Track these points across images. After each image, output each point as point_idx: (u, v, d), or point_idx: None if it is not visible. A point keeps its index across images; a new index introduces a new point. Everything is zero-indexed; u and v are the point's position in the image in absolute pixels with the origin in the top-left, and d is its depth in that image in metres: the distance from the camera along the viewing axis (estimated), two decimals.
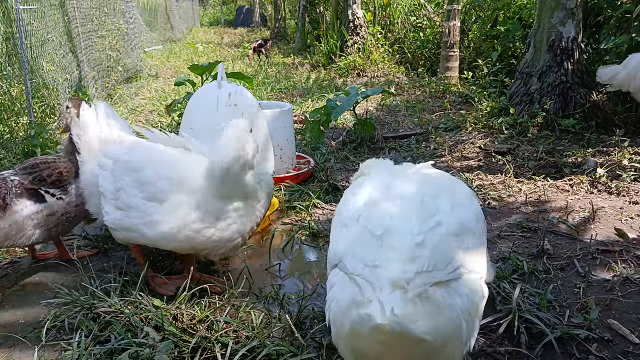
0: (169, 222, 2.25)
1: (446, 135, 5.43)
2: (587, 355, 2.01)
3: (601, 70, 4.84)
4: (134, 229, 2.32)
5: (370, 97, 6.89)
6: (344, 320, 1.45)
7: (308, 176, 4.22)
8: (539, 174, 4.11)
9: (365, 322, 1.33)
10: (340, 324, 1.48)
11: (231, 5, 32.41)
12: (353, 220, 1.69)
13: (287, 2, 20.05)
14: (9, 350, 2.13)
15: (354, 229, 1.65)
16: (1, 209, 2.44)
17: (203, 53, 13.42)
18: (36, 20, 5.42)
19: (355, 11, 10.59)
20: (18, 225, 2.49)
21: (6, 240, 2.48)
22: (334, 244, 1.72)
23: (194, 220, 2.25)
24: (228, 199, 2.32)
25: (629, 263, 2.70)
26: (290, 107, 4.26)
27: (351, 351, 1.49)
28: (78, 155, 2.60)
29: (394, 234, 1.53)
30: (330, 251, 1.72)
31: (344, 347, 1.53)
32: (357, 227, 1.64)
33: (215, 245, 2.33)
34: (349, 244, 1.61)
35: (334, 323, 1.53)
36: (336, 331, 1.52)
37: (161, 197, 2.27)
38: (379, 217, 1.63)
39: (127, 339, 2.01)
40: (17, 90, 5.26)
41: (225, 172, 2.27)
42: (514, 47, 7.74)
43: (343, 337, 1.48)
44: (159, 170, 2.32)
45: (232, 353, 1.96)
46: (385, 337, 1.32)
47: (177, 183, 2.28)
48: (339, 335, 1.51)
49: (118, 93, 7.85)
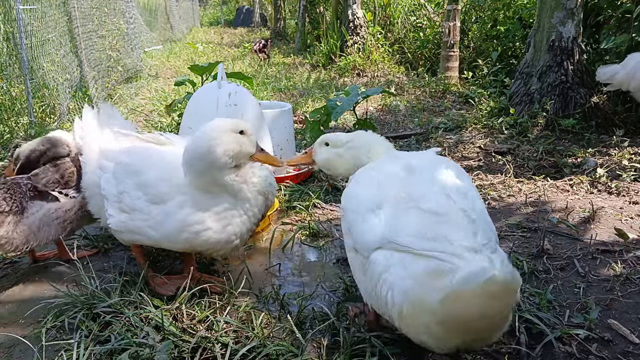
0: (171, 223, 2.26)
1: (446, 135, 5.43)
2: (587, 355, 2.01)
3: (601, 70, 4.83)
4: (138, 231, 2.32)
5: (370, 97, 6.89)
6: (429, 291, 1.52)
7: (308, 176, 4.22)
8: (539, 174, 4.11)
9: (472, 280, 1.42)
10: (425, 297, 1.54)
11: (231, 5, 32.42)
12: (390, 202, 1.81)
13: (287, 2, 20.06)
14: (9, 350, 2.13)
15: (399, 210, 1.77)
16: (19, 213, 2.47)
17: (203, 53, 13.42)
18: (36, 20, 5.43)
19: (355, 11, 10.59)
20: (35, 227, 2.52)
21: (26, 243, 2.51)
22: (368, 227, 1.81)
23: (195, 222, 2.25)
24: (212, 193, 2.28)
25: (629, 263, 2.70)
26: (290, 107, 4.26)
27: (442, 320, 1.53)
28: (81, 156, 2.62)
29: (448, 212, 1.71)
30: (360, 234, 1.83)
31: (429, 319, 1.56)
32: (403, 208, 1.77)
33: (214, 247, 2.33)
34: (399, 224, 1.72)
35: (414, 299, 1.58)
36: (419, 306, 1.58)
37: (163, 199, 2.27)
38: (424, 198, 1.77)
39: (127, 339, 2.01)
40: (17, 90, 5.27)
41: (192, 159, 2.21)
42: (514, 47, 7.75)
43: (431, 309, 1.53)
44: (159, 171, 2.32)
45: (232, 353, 1.96)
46: (496, 288, 1.41)
47: (175, 184, 2.28)
48: (422, 309, 1.56)
49: (118, 93, 7.85)
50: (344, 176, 2.34)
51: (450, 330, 1.55)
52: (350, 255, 2.00)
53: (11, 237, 2.44)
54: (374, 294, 1.77)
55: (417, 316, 1.60)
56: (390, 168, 2.02)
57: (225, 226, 2.30)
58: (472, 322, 1.51)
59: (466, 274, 1.45)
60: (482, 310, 1.46)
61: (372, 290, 1.78)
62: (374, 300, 1.80)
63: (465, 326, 1.53)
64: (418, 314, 1.59)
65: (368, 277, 1.80)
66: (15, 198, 2.48)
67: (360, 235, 1.85)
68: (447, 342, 1.61)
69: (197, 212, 2.25)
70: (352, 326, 2.10)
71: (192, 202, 2.26)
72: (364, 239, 1.82)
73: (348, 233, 1.99)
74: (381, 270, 1.71)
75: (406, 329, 1.69)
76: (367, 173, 2.07)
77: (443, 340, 1.61)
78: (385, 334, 2.05)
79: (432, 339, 1.62)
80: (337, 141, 2.32)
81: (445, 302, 1.48)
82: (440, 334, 1.58)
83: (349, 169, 2.27)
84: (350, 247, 1.97)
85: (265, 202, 2.46)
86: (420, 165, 1.97)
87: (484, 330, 1.59)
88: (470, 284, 1.42)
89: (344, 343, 1.99)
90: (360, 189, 2.00)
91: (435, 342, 1.63)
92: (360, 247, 1.85)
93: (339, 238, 3.17)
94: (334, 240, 3.16)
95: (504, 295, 1.46)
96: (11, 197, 2.46)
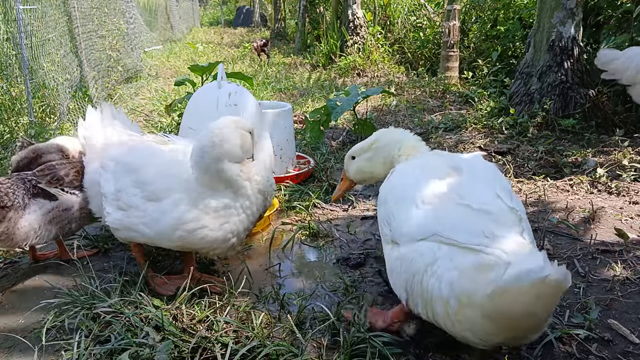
0: (166, 220, 2.27)
1: (446, 135, 5.43)
2: (587, 355, 2.01)
3: (603, 52, 4.71)
4: (134, 228, 2.34)
5: (370, 97, 6.89)
6: (477, 284, 1.55)
7: (308, 176, 4.22)
8: (539, 174, 4.11)
9: (525, 277, 1.43)
10: (472, 290, 1.57)
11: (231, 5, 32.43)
12: (439, 198, 1.85)
13: (287, 2, 20.06)
14: (9, 350, 2.13)
15: (449, 206, 1.81)
16: (21, 208, 2.49)
17: (203, 53, 13.42)
18: (36, 20, 5.43)
19: (355, 11, 10.59)
20: (37, 224, 2.54)
21: (26, 239, 2.53)
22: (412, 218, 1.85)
23: (190, 220, 2.26)
24: (215, 190, 2.30)
25: (629, 263, 2.70)
26: (290, 107, 4.26)
27: (488, 314, 1.54)
28: (84, 156, 2.65)
29: (498, 211, 1.75)
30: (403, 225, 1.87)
31: (476, 313, 1.57)
32: (449, 204, 1.81)
33: (210, 245, 2.33)
34: (448, 219, 1.76)
35: (462, 291, 1.60)
36: (466, 299, 1.59)
37: (160, 196, 2.29)
38: (474, 196, 1.81)
39: (127, 339, 2.01)
40: (17, 90, 5.26)
41: (199, 155, 2.27)
42: (514, 47, 7.75)
43: (478, 302, 1.55)
44: (157, 169, 2.34)
45: (232, 353, 1.96)
46: (547, 288, 1.43)
47: (175, 182, 2.30)
48: (469, 302, 1.58)
49: (118, 93, 7.85)
50: (383, 177, 2.34)
51: (495, 325, 1.56)
52: (387, 248, 2.01)
53: (11, 232, 2.46)
54: (416, 286, 1.78)
55: (463, 309, 1.61)
56: (435, 165, 2.05)
57: (223, 224, 2.31)
58: (517, 319, 1.52)
59: (520, 270, 1.45)
60: (529, 308, 1.48)
61: (412, 282, 1.79)
62: (414, 293, 1.81)
63: (510, 323, 1.54)
64: (464, 307, 1.60)
65: (409, 270, 1.81)
66: (18, 194, 2.49)
67: (402, 225, 1.88)
68: (491, 337, 1.62)
69: (193, 210, 2.27)
70: (352, 326, 2.10)
71: (188, 200, 2.27)
72: (407, 230, 1.85)
73: (386, 225, 2.01)
74: (428, 262, 1.73)
75: (449, 324, 1.69)
76: (411, 168, 2.10)
77: (486, 335, 1.61)
78: (385, 334, 2.05)
79: (475, 334, 1.63)
80: (360, 149, 2.39)
81: (493, 295, 1.49)
82: (485, 329, 1.59)
83: (385, 168, 2.31)
84: (388, 238, 1.99)
85: (264, 202, 2.48)
86: (466, 165, 2.00)
87: (527, 329, 1.61)
88: (523, 280, 1.44)
89: (344, 343, 1.99)
90: (404, 181, 2.04)
91: (478, 337, 1.63)
92: (400, 237, 1.88)
93: (339, 238, 3.17)
94: (333, 240, 3.16)
95: (553, 296, 1.48)
96: (14, 192, 2.48)
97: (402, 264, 1.86)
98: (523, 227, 1.75)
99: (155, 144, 2.52)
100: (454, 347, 2.02)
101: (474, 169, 1.99)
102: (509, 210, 1.78)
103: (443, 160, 2.09)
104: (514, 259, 1.55)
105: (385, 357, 1.93)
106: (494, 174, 2.00)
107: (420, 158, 2.19)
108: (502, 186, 1.92)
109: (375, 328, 2.10)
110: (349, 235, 3.22)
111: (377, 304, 2.42)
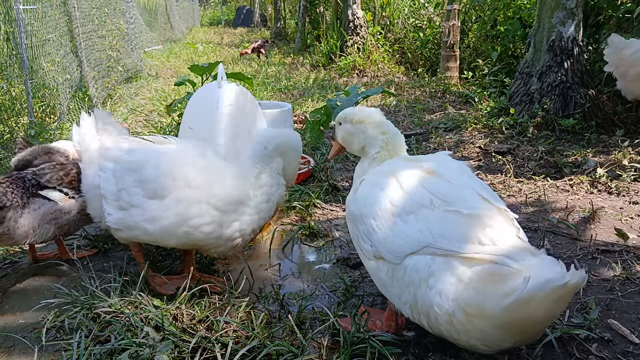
0: (168, 217, 2.27)
1: (446, 135, 5.43)
2: (587, 355, 2.01)
3: (615, 37, 4.73)
4: (136, 226, 2.33)
5: (370, 97, 6.88)
6: (487, 296, 1.50)
7: (308, 176, 4.22)
8: (539, 174, 4.11)
9: (547, 286, 1.41)
10: (482, 302, 1.51)
11: (231, 5, 32.42)
12: (423, 206, 1.75)
13: (287, 2, 20.05)
14: (9, 350, 2.13)
15: (436, 214, 1.72)
16: (20, 207, 2.50)
17: (203, 53, 13.43)
18: (37, 20, 5.43)
19: (355, 11, 10.59)
20: (36, 224, 2.55)
21: (25, 238, 2.54)
22: (398, 233, 1.75)
23: (195, 215, 2.27)
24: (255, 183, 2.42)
25: (629, 263, 2.70)
26: (290, 107, 4.26)
27: (502, 324, 1.51)
28: (80, 161, 2.65)
29: (487, 214, 1.69)
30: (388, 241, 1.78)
31: (486, 323, 1.53)
32: (437, 212, 1.72)
33: (216, 242, 2.34)
34: (440, 228, 1.68)
35: (468, 305, 1.54)
36: (475, 311, 1.53)
37: (162, 194, 2.29)
38: (462, 200, 1.73)
39: (127, 339, 2.01)
40: (17, 90, 5.27)
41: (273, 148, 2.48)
42: (514, 47, 7.75)
43: (490, 314, 1.50)
44: (159, 168, 2.34)
45: (232, 353, 1.96)
46: (565, 292, 1.43)
47: (179, 180, 2.30)
48: (479, 314, 1.53)
49: (118, 93, 7.85)
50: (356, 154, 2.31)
51: (508, 332, 1.54)
52: (371, 264, 1.92)
53: (11, 232, 2.47)
54: (413, 300, 1.72)
55: (471, 321, 1.56)
56: (409, 171, 1.93)
57: (232, 222, 2.32)
58: (534, 325, 1.51)
59: (541, 281, 1.42)
60: (548, 313, 1.47)
61: (408, 296, 1.74)
62: (410, 305, 1.75)
63: (525, 328, 1.53)
64: (472, 318, 1.55)
65: (402, 284, 1.75)
66: (17, 193, 2.50)
67: (388, 242, 1.79)
68: (500, 343, 1.59)
69: (198, 205, 2.27)
70: (352, 326, 2.10)
71: (198, 197, 2.29)
72: (394, 245, 1.76)
73: (365, 240, 1.90)
74: (423, 277, 1.66)
75: (454, 334, 1.64)
76: (383, 177, 1.97)
77: (496, 342, 1.59)
78: (385, 334, 2.05)
79: (484, 342, 1.59)
80: (344, 118, 2.29)
81: (512, 307, 1.44)
82: (496, 337, 1.56)
83: (358, 151, 2.26)
84: (370, 255, 1.89)
85: (274, 208, 2.54)
86: (440, 167, 1.91)
87: (538, 331, 1.61)
88: (545, 291, 1.41)
89: (344, 343, 1.99)
90: (379, 192, 1.90)
91: (485, 344, 1.60)
92: (388, 254, 1.78)
93: (338, 238, 3.17)
94: (333, 240, 3.16)
95: (568, 298, 1.49)
96: (12, 192, 2.48)
97: (393, 280, 1.79)
98: (516, 227, 1.72)
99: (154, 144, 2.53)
100: (453, 347, 2.02)
101: (449, 170, 1.90)
102: (498, 212, 1.73)
103: (414, 164, 1.98)
104: (526, 267, 1.51)
105: (385, 357, 1.92)
106: (469, 173, 1.94)
107: (389, 165, 2.06)
108: (481, 185, 1.86)
109: (375, 330, 2.10)
110: (349, 235, 3.21)
111: (376, 304, 2.42)
